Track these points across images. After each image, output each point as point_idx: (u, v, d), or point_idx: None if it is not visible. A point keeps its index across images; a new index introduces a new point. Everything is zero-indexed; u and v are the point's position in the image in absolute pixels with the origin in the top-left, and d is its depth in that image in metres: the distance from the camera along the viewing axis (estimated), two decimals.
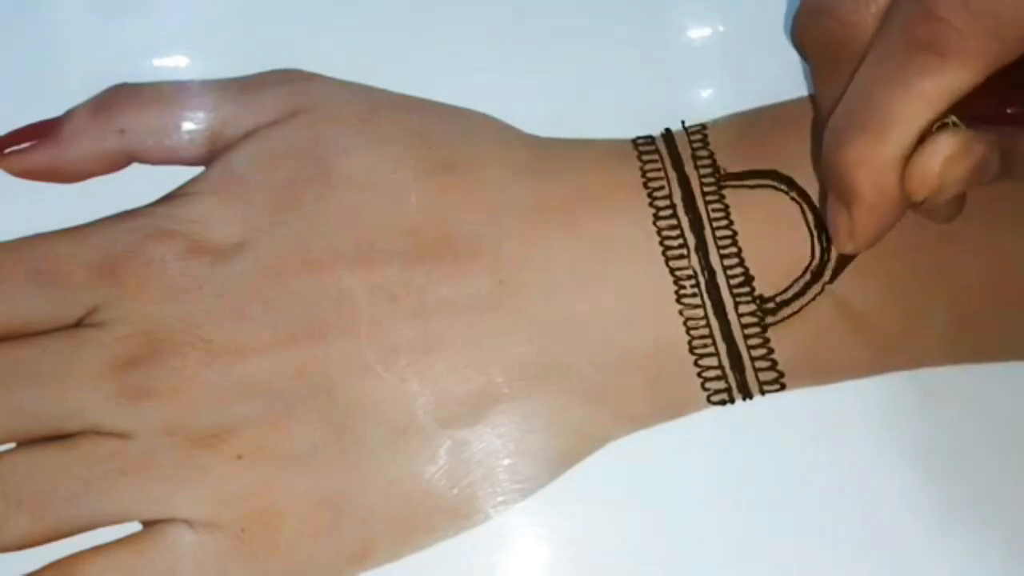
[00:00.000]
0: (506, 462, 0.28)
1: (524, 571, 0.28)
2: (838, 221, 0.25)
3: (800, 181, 0.29)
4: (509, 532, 0.28)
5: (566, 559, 0.28)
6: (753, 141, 0.29)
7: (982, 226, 0.28)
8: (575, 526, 0.28)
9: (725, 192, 0.29)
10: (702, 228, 0.29)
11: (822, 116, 0.26)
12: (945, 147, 0.23)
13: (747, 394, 0.28)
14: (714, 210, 0.29)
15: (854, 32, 0.24)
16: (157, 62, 0.31)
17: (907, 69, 0.23)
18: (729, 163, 0.29)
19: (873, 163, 0.23)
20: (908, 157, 0.23)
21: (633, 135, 0.30)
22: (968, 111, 0.23)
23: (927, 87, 0.22)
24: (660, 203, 0.29)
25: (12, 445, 0.28)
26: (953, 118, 0.23)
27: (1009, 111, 0.23)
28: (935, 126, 0.23)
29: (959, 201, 0.27)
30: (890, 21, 0.23)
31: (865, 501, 0.28)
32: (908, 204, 0.24)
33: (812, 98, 0.30)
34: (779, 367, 0.28)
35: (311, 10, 0.32)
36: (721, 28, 0.32)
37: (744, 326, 0.28)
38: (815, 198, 0.28)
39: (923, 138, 0.23)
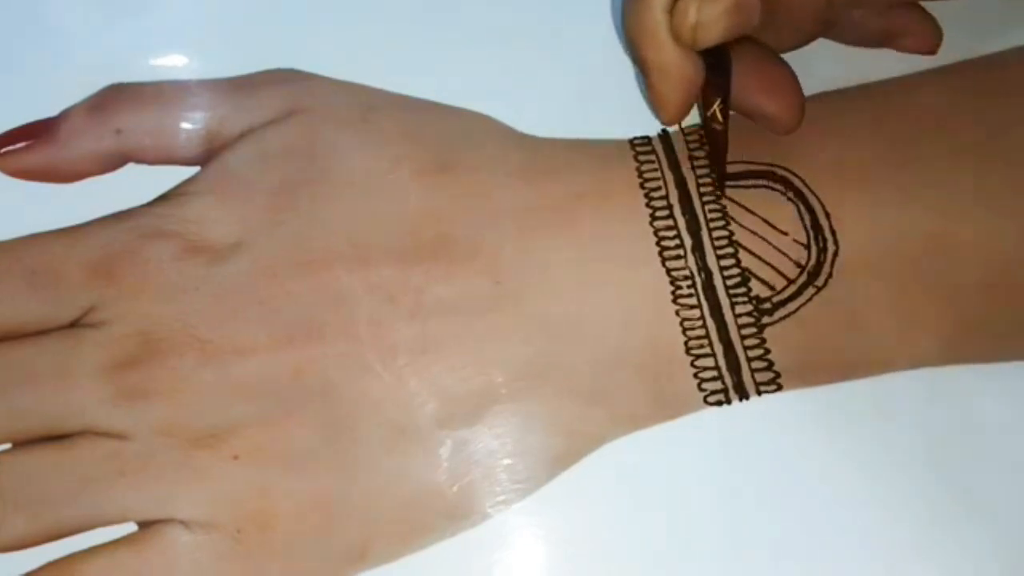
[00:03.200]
0: (504, 462, 0.28)
1: (522, 571, 0.28)
2: (648, 95, 0.27)
3: (796, 182, 0.29)
4: (507, 532, 0.28)
5: (564, 559, 0.28)
6: (749, 142, 0.29)
7: (982, 226, 0.28)
8: (573, 526, 0.28)
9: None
10: (699, 229, 0.29)
11: None
12: None
13: (744, 395, 0.28)
14: (711, 211, 0.29)
15: None
16: (154, 61, 0.31)
17: None
18: (727, 163, 0.29)
19: (645, 24, 0.26)
20: (670, 11, 0.25)
21: (630, 136, 0.30)
22: None
23: None
24: (657, 204, 0.29)
25: (8, 446, 0.28)
26: None
27: None
28: None
29: (790, 103, 0.28)
30: None
31: (862, 501, 0.28)
32: (685, 52, 0.26)
33: (809, 99, 0.30)
34: (775, 368, 0.28)
35: (309, 10, 0.32)
36: None
37: (741, 327, 0.28)
38: (812, 199, 0.28)
39: None
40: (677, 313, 0.28)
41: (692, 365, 0.28)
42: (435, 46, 0.31)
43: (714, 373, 0.28)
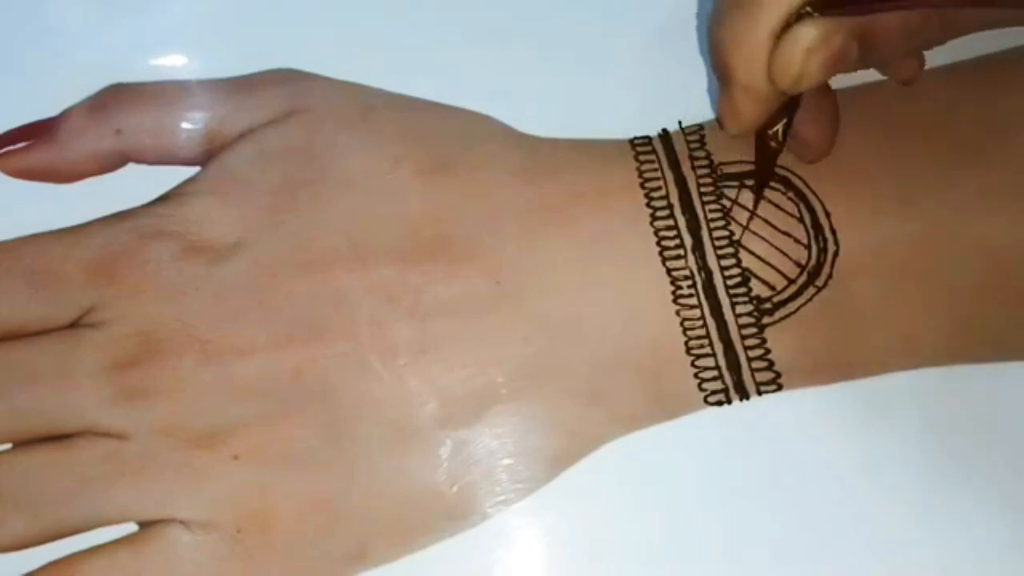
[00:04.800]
0: (504, 462, 0.28)
1: (522, 571, 0.28)
2: (722, 103, 0.26)
3: (797, 182, 0.29)
4: (507, 532, 0.28)
5: (564, 559, 0.28)
6: (749, 141, 0.29)
7: (982, 226, 0.28)
8: (573, 526, 0.28)
9: (722, 192, 0.29)
10: (699, 229, 0.29)
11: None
12: (804, 37, 0.24)
13: (744, 395, 0.28)
14: (711, 211, 0.29)
15: None
16: (154, 61, 0.31)
17: None
18: (727, 163, 0.29)
19: (745, 43, 0.24)
20: (776, 36, 0.24)
21: (630, 135, 0.30)
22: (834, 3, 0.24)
23: None
24: (657, 204, 0.29)
25: (8, 446, 0.28)
26: (808, 7, 0.24)
27: None
28: (794, 17, 0.24)
29: (827, 135, 0.28)
30: None
31: (862, 501, 0.28)
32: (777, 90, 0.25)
33: None
34: (776, 368, 0.28)
35: (309, 10, 0.32)
36: None
37: (741, 327, 0.28)
38: (812, 199, 0.28)
39: (787, 27, 0.24)
40: (677, 313, 0.28)
41: (692, 365, 0.28)
42: (435, 46, 0.31)
43: (714, 373, 0.28)
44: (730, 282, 0.28)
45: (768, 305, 0.28)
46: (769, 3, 0.24)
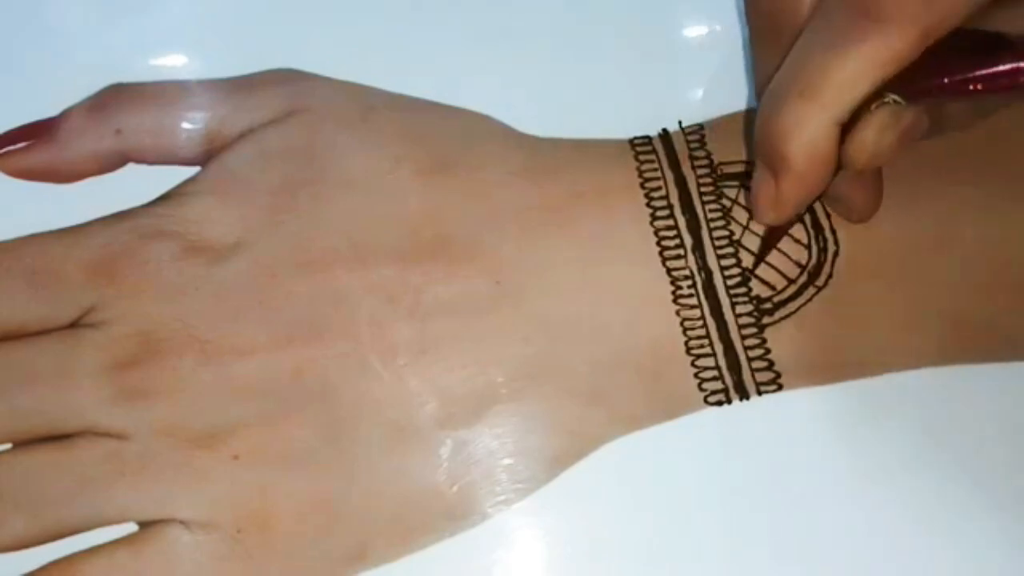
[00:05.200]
0: (504, 462, 0.28)
1: (522, 571, 0.28)
2: (762, 190, 0.25)
3: None
4: (507, 532, 0.28)
5: (564, 559, 0.28)
6: (748, 140, 0.29)
7: (981, 226, 0.28)
8: (573, 526, 0.28)
9: (723, 192, 0.29)
10: (699, 228, 0.29)
11: (757, 87, 0.26)
12: (879, 120, 0.23)
13: (744, 395, 0.28)
14: (711, 210, 0.29)
15: (796, 3, 0.24)
16: (154, 61, 0.31)
17: (846, 35, 0.23)
18: (727, 163, 0.29)
19: (808, 128, 0.23)
20: (842, 125, 0.23)
21: (630, 135, 0.30)
22: (905, 82, 0.23)
23: (865, 52, 0.22)
24: (657, 204, 0.29)
25: (8, 446, 0.28)
26: (894, 96, 0.23)
27: (946, 80, 0.23)
28: (875, 104, 0.23)
29: (875, 196, 0.27)
30: None
31: (863, 501, 0.28)
32: (833, 174, 0.24)
33: None
34: (776, 368, 0.28)
35: (309, 10, 0.32)
36: (718, 27, 0.32)
37: (741, 327, 0.28)
38: None
39: (860, 111, 0.23)
40: (677, 313, 0.28)
41: (692, 365, 0.28)
42: (435, 46, 0.31)
43: (714, 373, 0.28)
44: (730, 282, 0.28)
45: (768, 305, 0.28)
46: (837, 93, 0.23)
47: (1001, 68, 0.22)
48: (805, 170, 0.24)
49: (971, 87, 0.22)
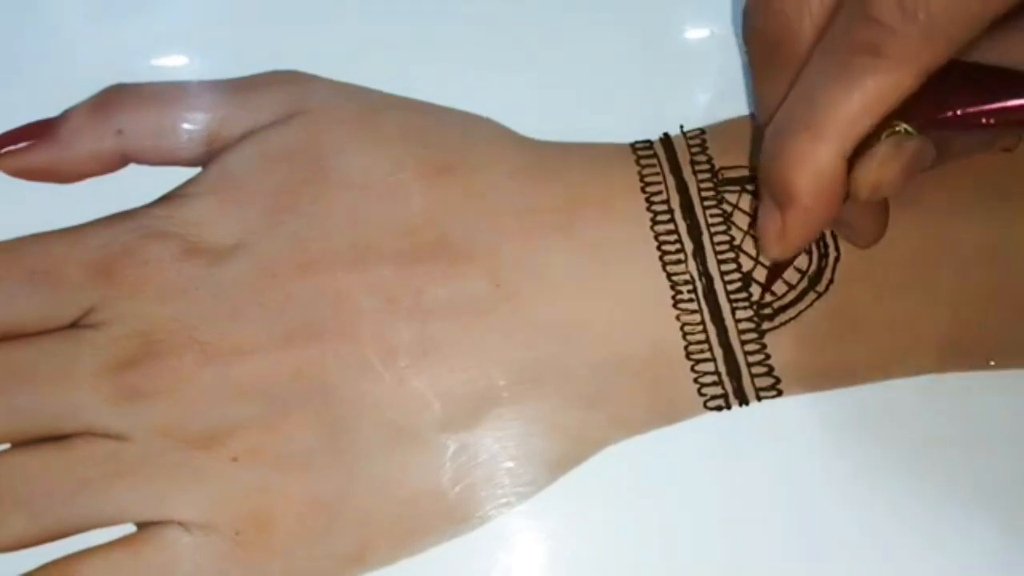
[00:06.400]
0: (505, 465, 0.28)
1: (522, 573, 0.28)
2: (768, 224, 0.25)
3: None
4: (508, 535, 0.28)
5: (564, 562, 0.28)
6: (752, 144, 0.29)
7: (982, 232, 0.28)
8: (572, 530, 0.28)
9: (723, 197, 0.29)
10: (700, 233, 0.29)
11: (761, 118, 0.26)
12: (884, 151, 0.23)
13: (744, 400, 0.28)
14: (712, 215, 0.29)
15: (797, 33, 0.25)
16: (156, 61, 0.31)
17: (849, 70, 0.23)
18: (728, 168, 0.29)
19: (813, 163, 0.23)
20: (847, 159, 0.23)
21: (631, 139, 0.30)
22: (911, 114, 0.23)
23: (868, 87, 0.23)
24: (658, 208, 0.29)
25: (8, 446, 0.28)
26: (905, 126, 0.23)
27: (950, 114, 0.23)
28: (886, 133, 0.23)
29: (882, 221, 0.27)
30: (834, 24, 0.24)
31: (862, 507, 0.28)
32: (841, 206, 0.24)
33: None
34: (776, 373, 0.28)
35: (310, 11, 0.31)
36: (720, 31, 0.32)
37: (741, 332, 0.28)
38: None
39: (867, 142, 0.23)
40: (678, 318, 0.28)
41: (692, 370, 0.28)
42: (436, 48, 0.31)
43: (714, 378, 0.28)
44: (731, 287, 0.28)
45: (768, 310, 0.28)
46: (842, 126, 0.23)
47: (1013, 103, 0.22)
48: (811, 204, 0.24)
49: (983, 121, 0.23)
